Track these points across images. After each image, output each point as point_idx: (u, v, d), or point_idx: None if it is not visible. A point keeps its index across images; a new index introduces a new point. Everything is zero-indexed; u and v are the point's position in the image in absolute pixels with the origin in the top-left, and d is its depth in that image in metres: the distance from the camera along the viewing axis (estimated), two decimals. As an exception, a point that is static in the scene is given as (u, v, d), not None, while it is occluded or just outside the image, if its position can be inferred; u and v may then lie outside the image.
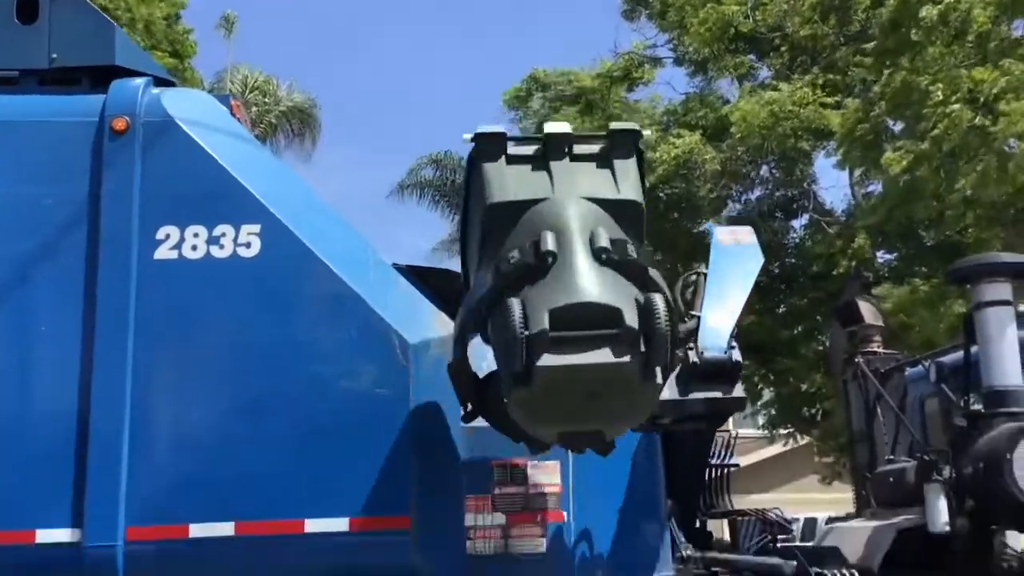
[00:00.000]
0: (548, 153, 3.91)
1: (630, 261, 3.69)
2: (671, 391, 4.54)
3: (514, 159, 3.90)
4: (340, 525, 4.28)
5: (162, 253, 4.40)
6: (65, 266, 4.39)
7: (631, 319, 3.52)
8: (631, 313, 3.54)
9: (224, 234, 4.41)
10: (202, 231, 4.41)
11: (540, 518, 4.54)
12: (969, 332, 5.09)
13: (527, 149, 3.95)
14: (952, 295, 11.77)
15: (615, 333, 3.50)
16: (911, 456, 5.35)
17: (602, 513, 4.30)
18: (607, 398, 3.67)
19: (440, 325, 4.64)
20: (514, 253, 3.67)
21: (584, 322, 3.51)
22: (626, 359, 3.54)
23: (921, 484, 4.90)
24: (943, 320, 11.88)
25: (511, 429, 4.00)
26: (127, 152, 4.46)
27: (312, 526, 4.27)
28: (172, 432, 4.34)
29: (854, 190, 14.95)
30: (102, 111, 4.51)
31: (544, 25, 61.58)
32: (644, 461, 4.73)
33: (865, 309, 6.48)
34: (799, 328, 15.49)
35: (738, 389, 5.23)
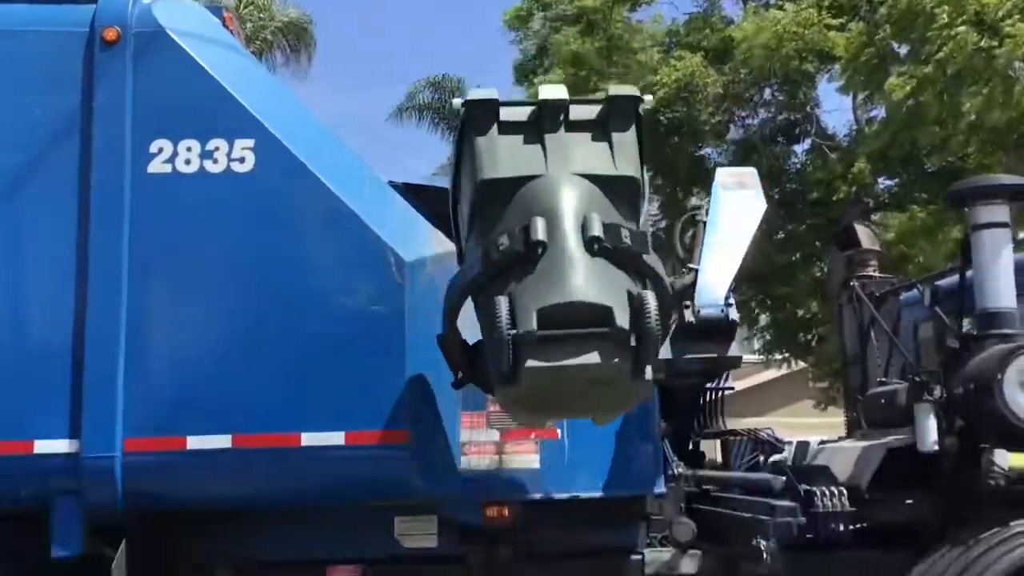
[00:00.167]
0: (542, 122, 3.73)
1: (623, 249, 3.56)
2: (665, 350, 4.51)
3: (507, 127, 3.73)
4: (336, 439, 4.34)
5: (156, 167, 4.38)
6: (58, 178, 4.38)
7: (622, 318, 3.41)
8: (622, 311, 3.42)
9: (217, 148, 4.38)
10: (195, 145, 4.38)
11: (533, 435, 4.59)
12: (965, 255, 5.08)
13: (521, 114, 3.76)
14: (950, 222, 11.75)
15: (605, 332, 3.40)
16: (903, 379, 5.37)
17: (595, 431, 4.34)
18: (596, 395, 3.63)
19: (436, 243, 4.64)
20: (503, 239, 3.54)
21: (573, 321, 3.40)
22: (615, 361, 3.45)
23: (912, 405, 4.92)
24: (942, 247, 11.88)
25: None
26: (118, 63, 4.41)
27: (308, 440, 4.33)
28: (168, 346, 4.38)
29: (857, 114, 14.81)
30: (92, 21, 4.45)
31: (546, -56, 60.05)
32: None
33: (862, 233, 6.45)
34: (797, 255, 15.47)
35: (734, 347, 5.22)
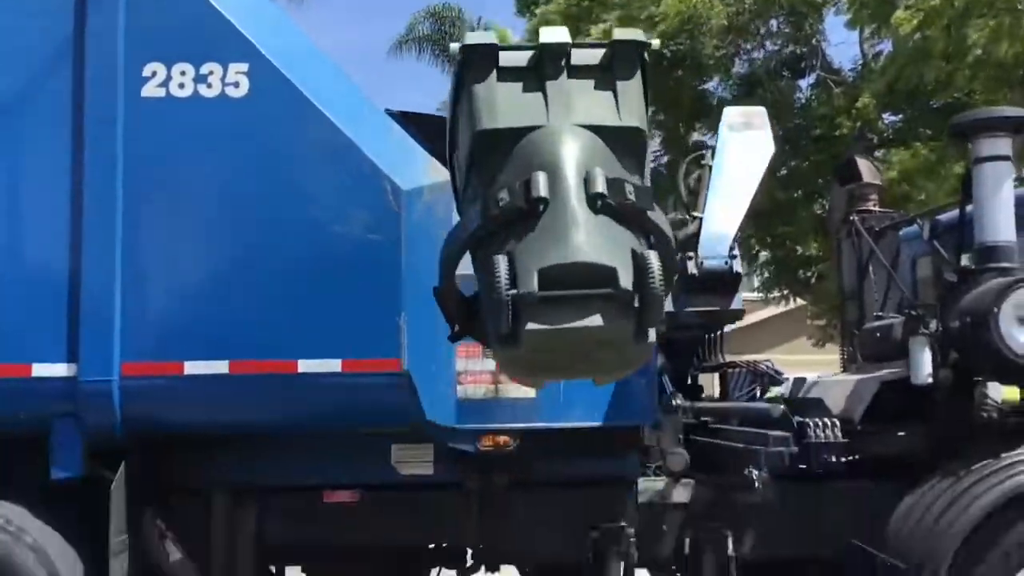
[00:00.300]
0: (543, 67, 3.57)
1: (627, 205, 3.43)
2: (667, 303, 4.45)
3: (506, 73, 3.57)
4: (333, 366, 4.36)
5: (149, 91, 4.34)
6: (52, 102, 4.34)
7: (625, 279, 3.30)
8: (625, 272, 3.31)
9: (211, 72, 4.34)
10: (189, 69, 4.33)
11: (530, 364, 4.61)
12: (966, 189, 5.05)
13: (520, 59, 3.60)
14: (953, 159, 11.67)
15: (608, 293, 3.29)
16: (900, 314, 5.38)
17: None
18: (597, 356, 3.55)
19: (433, 171, 4.60)
20: (503, 194, 3.41)
21: (575, 281, 3.30)
22: (618, 323, 3.35)
23: (907, 338, 4.94)
24: (944, 185, 11.81)
25: None
26: (111, -16, 4.34)
27: (305, 367, 4.35)
28: (164, 272, 4.38)
29: (863, 48, 14.61)
30: None
31: None
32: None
33: (864, 167, 6.41)
34: (799, 192, 15.37)
35: (737, 300, 5.17)
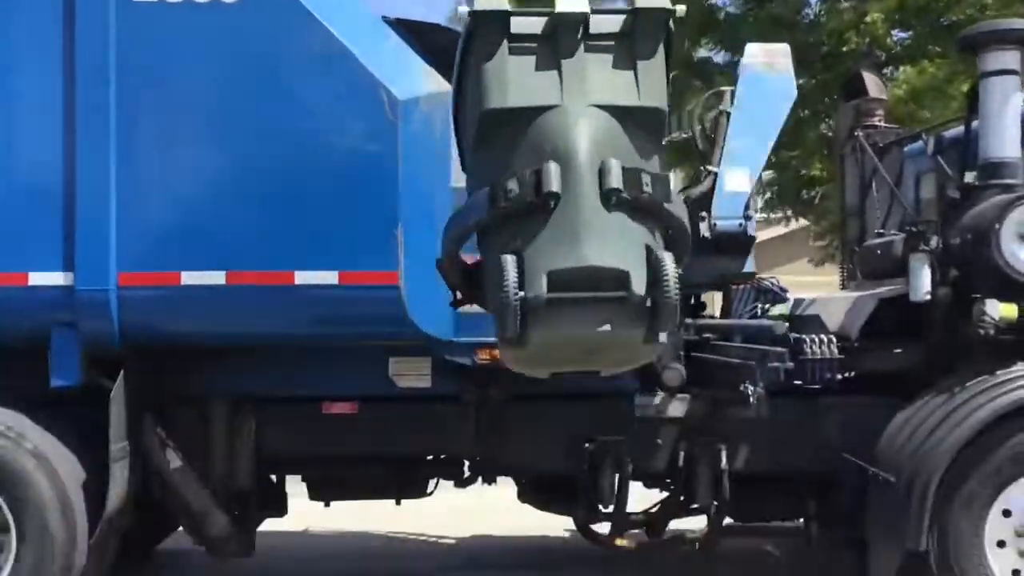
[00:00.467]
0: (558, 38, 3.31)
1: (643, 199, 3.27)
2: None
3: (518, 41, 3.31)
4: (329, 278, 4.36)
5: (140, -6, 4.25)
6: (41, 7, 4.28)
7: (638, 283, 3.17)
8: (639, 274, 3.19)
9: (203, -24, 4.25)
10: (180, -29, 4.24)
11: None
12: (972, 103, 4.97)
13: (534, 26, 3.33)
14: (960, 78, 11.50)
15: (620, 296, 3.18)
16: (901, 231, 5.34)
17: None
18: (606, 354, 3.50)
19: (431, 81, 4.54)
20: (512, 184, 3.23)
21: (586, 284, 3.18)
22: (628, 328, 3.25)
23: (907, 255, 4.92)
24: (951, 104, 11.65)
25: None
26: None
27: (302, 278, 4.35)
28: (159, 182, 4.35)
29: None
30: None
31: None
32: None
33: (870, 82, 6.30)
34: (806, 111, 15.19)
35: (749, 262, 5.04)
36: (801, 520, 5.22)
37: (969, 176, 5.03)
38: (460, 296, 3.94)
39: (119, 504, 4.39)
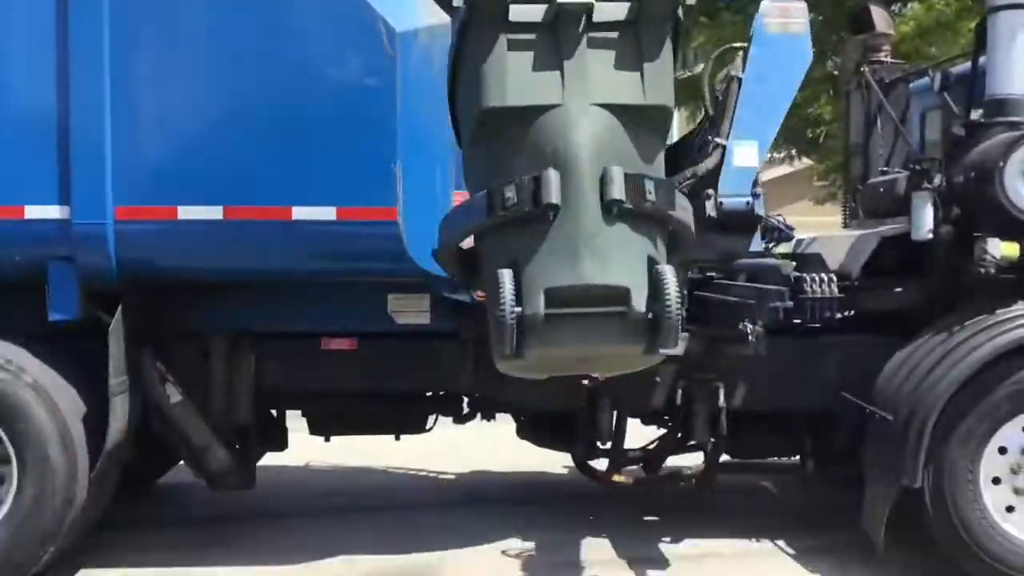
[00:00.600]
0: (559, 29, 3.16)
1: (646, 207, 3.15)
2: None
3: (517, 32, 3.15)
4: (327, 214, 4.32)
5: (132, -77, 4.17)
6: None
7: (639, 299, 3.09)
8: (640, 290, 3.10)
9: (195, -99, 4.16)
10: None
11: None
12: (980, 39, 4.89)
13: (535, 13, 3.17)
14: (968, 15, 11.32)
15: (620, 311, 3.09)
16: (905, 169, 5.29)
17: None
18: (604, 364, 3.48)
19: (429, 13, 4.46)
20: (510, 193, 3.12)
21: (585, 300, 3.10)
22: (627, 343, 3.18)
23: (910, 193, 4.88)
24: (960, 40, 11.49)
25: None
26: None
27: (299, 214, 4.32)
28: (155, 115, 4.30)
29: None
30: None
31: None
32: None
33: (878, 16, 6.19)
34: (813, 48, 15.00)
35: (755, 240, 4.93)
36: (797, 457, 5.27)
37: (975, 113, 4.98)
38: (461, 284, 3.86)
39: (119, 438, 4.41)
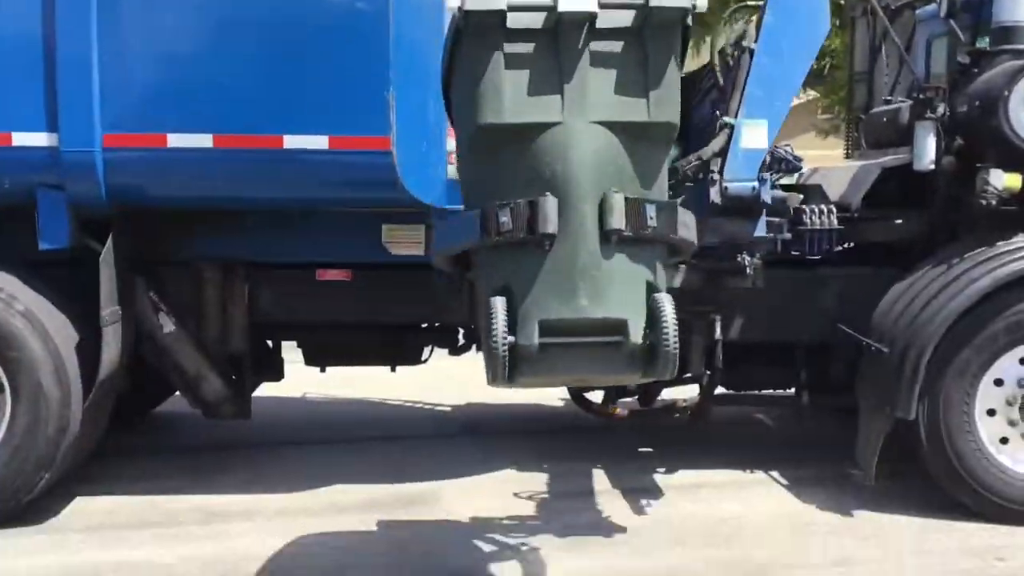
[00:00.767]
0: (559, 42, 3.03)
1: (647, 234, 3.05)
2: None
3: (514, 42, 3.02)
4: (319, 143, 4.26)
5: None
6: None
7: (636, 330, 2.99)
8: (637, 321, 3.01)
9: None
10: None
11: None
12: (988, -37, 4.77)
13: (534, 21, 3.02)
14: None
15: (617, 341, 3.00)
16: (909, 98, 5.19)
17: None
18: (597, 383, 3.74)
19: (423, -66, 4.34)
20: (505, 218, 3.00)
21: (581, 331, 3.01)
22: (623, 372, 3.12)
23: (913, 123, 4.80)
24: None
25: None
26: None
27: (291, 142, 4.25)
28: (142, 41, 4.21)
29: None
30: None
31: None
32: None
33: (885, -60, 6.05)
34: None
35: (760, 225, 4.76)
36: (792, 390, 5.26)
37: (982, 42, 4.87)
38: (456, 278, 3.85)
39: (112, 368, 4.40)
